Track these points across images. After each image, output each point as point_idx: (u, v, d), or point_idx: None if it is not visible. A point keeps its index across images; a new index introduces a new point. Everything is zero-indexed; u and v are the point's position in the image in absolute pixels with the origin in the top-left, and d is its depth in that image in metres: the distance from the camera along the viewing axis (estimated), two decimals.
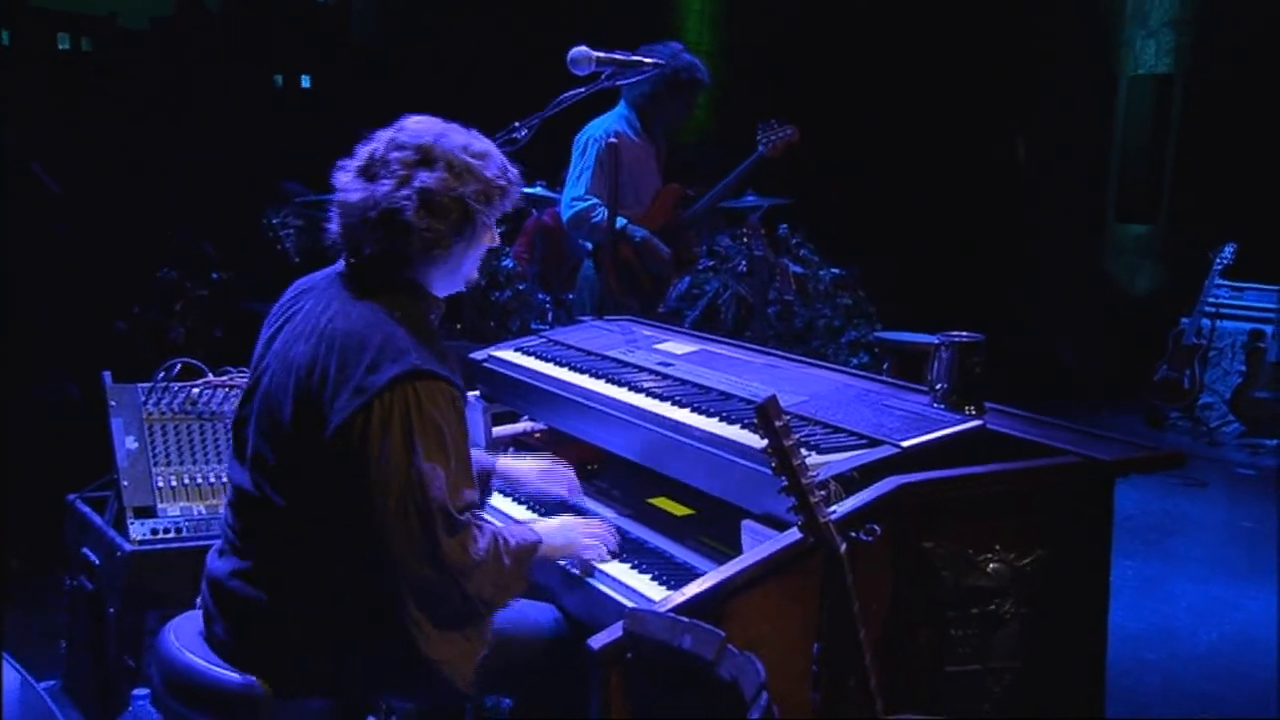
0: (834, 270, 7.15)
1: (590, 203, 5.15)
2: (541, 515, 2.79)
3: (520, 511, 2.87)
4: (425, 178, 2.28)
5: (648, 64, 3.15)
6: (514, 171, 2.42)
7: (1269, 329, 7.39)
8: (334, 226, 2.38)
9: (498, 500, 2.93)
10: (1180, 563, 5.42)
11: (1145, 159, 9.27)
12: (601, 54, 3.03)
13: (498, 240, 2.50)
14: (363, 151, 2.36)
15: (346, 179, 2.35)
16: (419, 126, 2.36)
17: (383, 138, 2.36)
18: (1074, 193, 9.57)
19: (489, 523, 2.37)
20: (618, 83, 3.14)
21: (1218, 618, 4.80)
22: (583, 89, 3.06)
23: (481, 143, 2.40)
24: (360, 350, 2.23)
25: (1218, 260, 7.55)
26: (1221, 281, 7.64)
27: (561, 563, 2.53)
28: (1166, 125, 9.11)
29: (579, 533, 2.55)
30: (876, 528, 1.88)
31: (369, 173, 2.32)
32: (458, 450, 2.26)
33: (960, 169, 9.36)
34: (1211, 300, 7.65)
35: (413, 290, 2.37)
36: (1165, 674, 4.22)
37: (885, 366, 5.94)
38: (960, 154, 9.35)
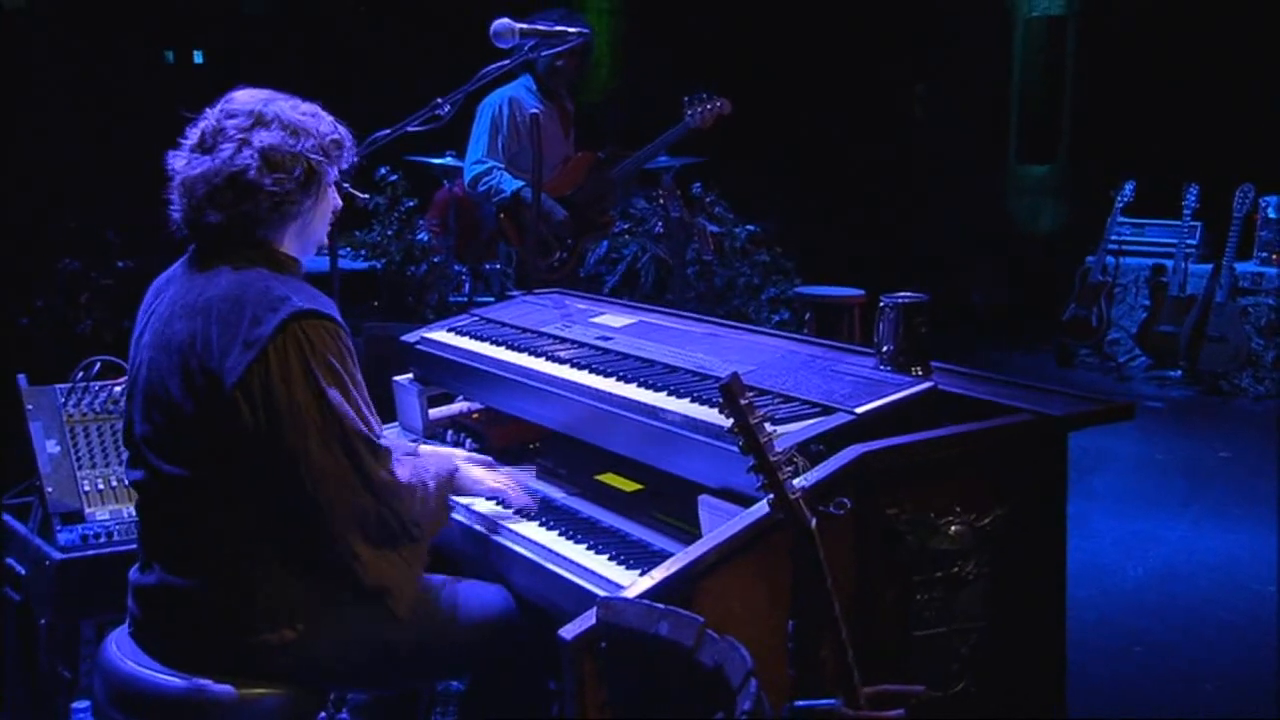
0: (749, 227, 7.15)
1: (486, 165, 5.27)
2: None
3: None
4: (264, 136, 2.31)
5: (571, 33, 3.11)
6: (344, 127, 2.46)
7: (1170, 263, 7.56)
8: (176, 210, 2.37)
9: None
10: (1100, 499, 5.54)
11: (1043, 100, 9.42)
12: (524, 25, 2.97)
13: (340, 203, 2.54)
14: (194, 130, 2.38)
15: (182, 161, 2.35)
16: (246, 96, 2.39)
17: (212, 113, 2.39)
18: (975, 136, 9.69)
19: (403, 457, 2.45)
20: (542, 54, 3.08)
21: (1141, 552, 4.93)
22: (506, 61, 3.00)
23: (309, 104, 2.43)
24: (238, 308, 2.24)
25: (1119, 198, 7.70)
26: (1123, 219, 7.80)
27: (506, 543, 2.53)
28: (1062, 66, 9.26)
29: (494, 473, 2.66)
30: (847, 501, 1.87)
31: (204, 146, 2.34)
32: (354, 382, 2.30)
33: (863, 117, 9.41)
34: (1114, 238, 7.81)
35: (268, 247, 2.38)
36: (1097, 611, 4.31)
37: (807, 318, 5.98)
38: (862, 102, 9.39)
